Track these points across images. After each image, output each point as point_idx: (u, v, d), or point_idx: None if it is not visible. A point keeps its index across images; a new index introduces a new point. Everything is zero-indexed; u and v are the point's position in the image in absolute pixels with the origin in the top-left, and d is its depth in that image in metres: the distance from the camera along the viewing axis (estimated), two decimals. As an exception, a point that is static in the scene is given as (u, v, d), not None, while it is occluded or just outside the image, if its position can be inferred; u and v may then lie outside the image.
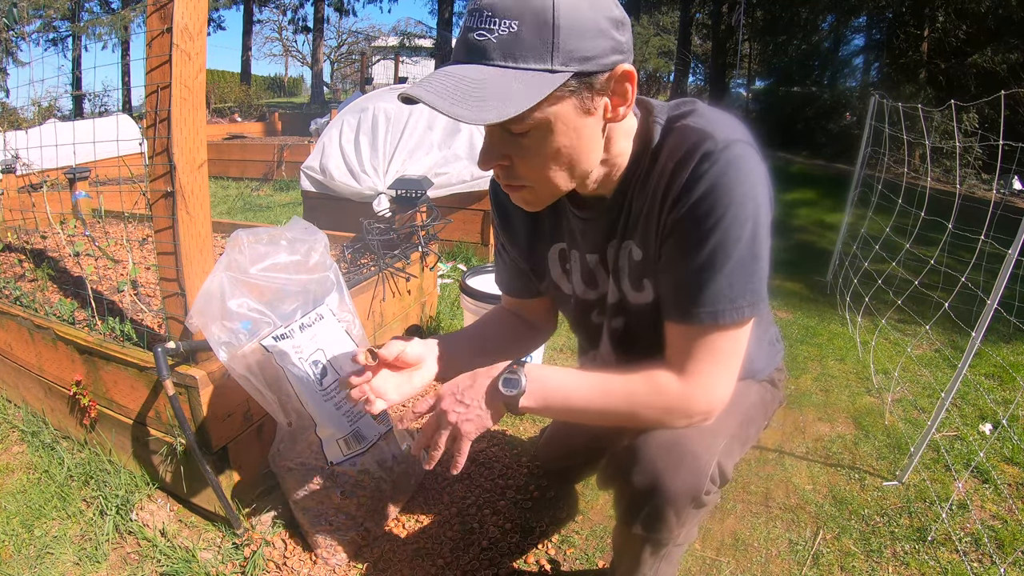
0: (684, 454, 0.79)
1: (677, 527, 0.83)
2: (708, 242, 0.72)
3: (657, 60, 15.29)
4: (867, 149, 3.15)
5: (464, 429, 0.80)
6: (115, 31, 13.76)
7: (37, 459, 1.55)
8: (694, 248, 0.73)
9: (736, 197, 0.70)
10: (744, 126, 0.75)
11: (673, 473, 0.79)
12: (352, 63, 23.11)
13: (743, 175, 0.71)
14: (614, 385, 0.80)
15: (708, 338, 0.76)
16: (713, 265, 0.72)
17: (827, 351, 2.46)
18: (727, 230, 0.71)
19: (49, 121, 4.32)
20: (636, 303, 0.88)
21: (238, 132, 8.58)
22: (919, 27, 8.93)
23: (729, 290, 0.73)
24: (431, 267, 2.26)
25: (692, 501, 0.81)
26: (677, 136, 0.76)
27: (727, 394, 0.80)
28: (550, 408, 0.82)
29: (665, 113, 0.80)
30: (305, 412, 1.20)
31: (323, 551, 1.25)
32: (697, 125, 0.74)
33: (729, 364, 0.78)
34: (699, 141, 0.72)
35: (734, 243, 0.71)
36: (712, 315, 0.74)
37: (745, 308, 0.74)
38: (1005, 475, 1.62)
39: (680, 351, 0.78)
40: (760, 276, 0.74)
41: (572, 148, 0.72)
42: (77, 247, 2.20)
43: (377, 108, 3.45)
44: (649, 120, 0.80)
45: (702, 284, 0.73)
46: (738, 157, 0.71)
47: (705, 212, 0.71)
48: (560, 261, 0.98)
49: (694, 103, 0.79)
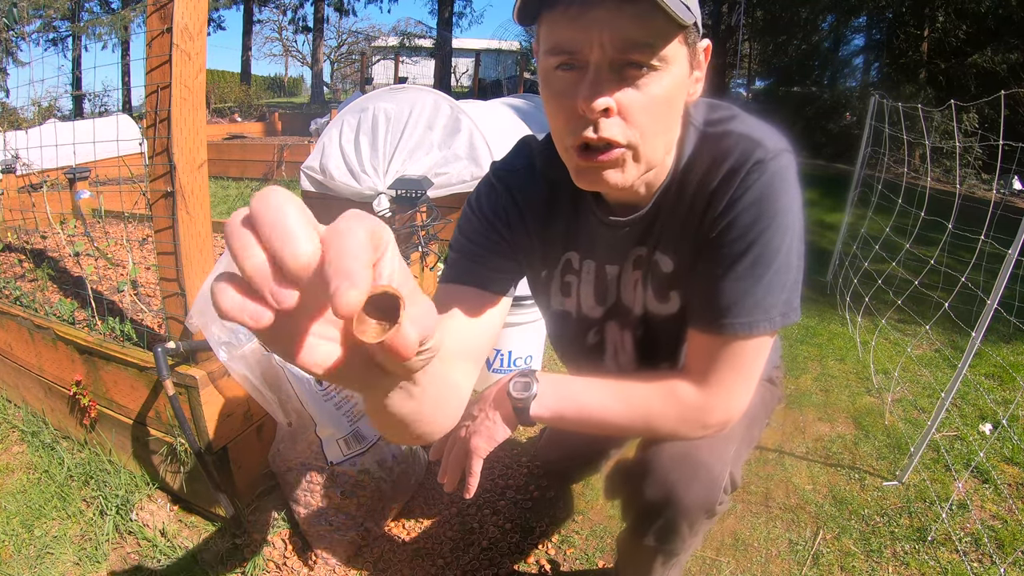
0: (698, 466, 0.78)
1: (690, 538, 0.83)
2: (750, 253, 0.70)
3: (657, 60, 15.27)
4: (867, 149, 3.15)
5: (474, 444, 0.77)
6: (115, 31, 13.76)
7: (37, 459, 1.55)
8: (735, 258, 0.71)
9: (781, 208, 0.69)
10: (784, 136, 0.73)
11: (687, 486, 0.77)
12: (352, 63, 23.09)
13: (787, 186, 0.69)
14: (630, 393, 0.77)
15: (735, 348, 0.73)
16: (753, 275, 0.70)
17: (827, 351, 2.46)
18: (769, 241, 0.69)
19: (49, 121, 4.32)
20: (658, 315, 0.84)
21: (238, 132, 8.57)
22: (919, 27, 8.93)
23: (765, 300, 0.71)
24: (431, 267, 2.26)
25: (706, 513, 0.80)
26: (721, 143, 0.72)
27: (744, 405, 0.77)
28: (564, 417, 0.78)
29: (701, 115, 0.76)
30: (305, 412, 1.20)
31: (323, 551, 1.25)
32: (743, 132, 0.72)
33: (751, 375, 0.76)
34: (750, 150, 0.70)
35: (774, 254, 0.70)
36: (746, 326, 0.72)
37: (777, 319, 0.72)
38: (1005, 475, 1.62)
39: (703, 360, 0.75)
40: (794, 287, 0.73)
41: (676, 106, 0.68)
42: (77, 247, 2.20)
43: (377, 108, 3.45)
44: (685, 122, 0.75)
45: (740, 294, 0.71)
46: (784, 168, 0.70)
47: (750, 222, 0.69)
48: (563, 272, 0.89)
49: (728, 107, 0.76)
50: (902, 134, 2.49)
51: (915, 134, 3.25)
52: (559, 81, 0.64)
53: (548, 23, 0.63)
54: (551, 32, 0.63)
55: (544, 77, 0.67)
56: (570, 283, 0.89)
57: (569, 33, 0.61)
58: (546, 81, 0.66)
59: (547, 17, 0.63)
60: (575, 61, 0.62)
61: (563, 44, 0.62)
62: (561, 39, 0.62)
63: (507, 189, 0.86)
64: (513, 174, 0.87)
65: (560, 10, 0.60)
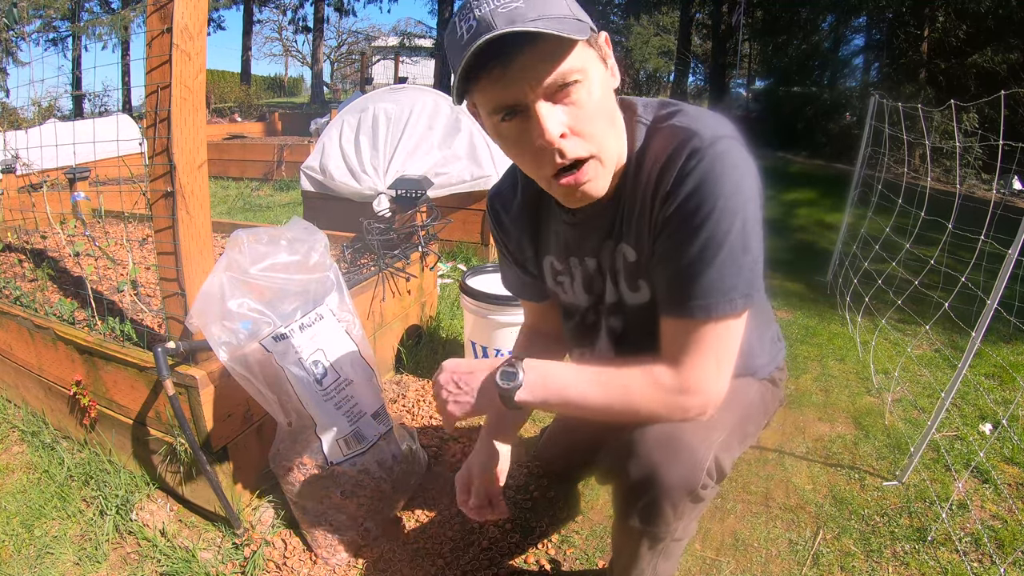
0: (680, 447, 0.80)
1: (674, 520, 0.84)
2: (698, 236, 0.73)
3: (657, 60, 15.29)
4: (867, 149, 3.15)
5: (450, 408, 0.84)
6: (115, 31, 13.74)
7: (37, 459, 1.55)
8: (685, 243, 0.75)
9: (724, 191, 0.72)
10: (730, 123, 0.76)
11: (669, 465, 0.79)
12: (352, 63, 23.12)
13: (730, 169, 0.72)
14: (611, 378, 0.81)
15: (702, 331, 0.77)
16: (704, 259, 0.74)
17: (827, 351, 2.46)
18: (716, 224, 0.72)
19: (49, 121, 4.31)
20: (633, 304, 0.89)
21: (238, 132, 8.57)
22: (919, 27, 8.92)
23: (721, 283, 0.74)
24: (431, 267, 2.26)
25: (688, 494, 0.81)
26: (664, 136, 0.77)
27: (723, 387, 0.80)
28: (548, 403, 0.83)
29: (650, 113, 0.81)
30: (305, 412, 1.20)
31: (323, 551, 1.25)
32: (683, 124, 0.76)
33: (723, 356, 0.79)
34: (686, 139, 0.74)
35: (724, 236, 0.73)
36: (704, 308, 0.75)
37: (738, 300, 0.75)
38: (1005, 475, 1.62)
39: (674, 344, 0.79)
40: (752, 268, 0.75)
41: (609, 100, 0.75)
42: (77, 247, 2.20)
43: (377, 108, 3.45)
44: (633, 121, 0.81)
45: (694, 277, 0.75)
46: (724, 152, 0.72)
47: (694, 207, 0.73)
48: (552, 274, 0.99)
49: (678, 103, 0.81)
50: (902, 134, 2.49)
51: (915, 134, 3.25)
52: (510, 130, 0.74)
53: (479, 92, 0.73)
54: (486, 97, 0.72)
55: (496, 132, 0.76)
56: (562, 282, 0.99)
57: (501, 93, 0.70)
58: (499, 135, 0.76)
59: (476, 89, 0.72)
60: (517, 109, 0.71)
61: (502, 102, 0.71)
62: (498, 99, 0.71)
63: (495, 212, 1.02)
64: (499, 195, 1.02)
65: (484, 79, 0.70)
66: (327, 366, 1.22)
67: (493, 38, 0.65)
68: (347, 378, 1.25)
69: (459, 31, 0.69)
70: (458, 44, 0.69)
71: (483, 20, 0.66)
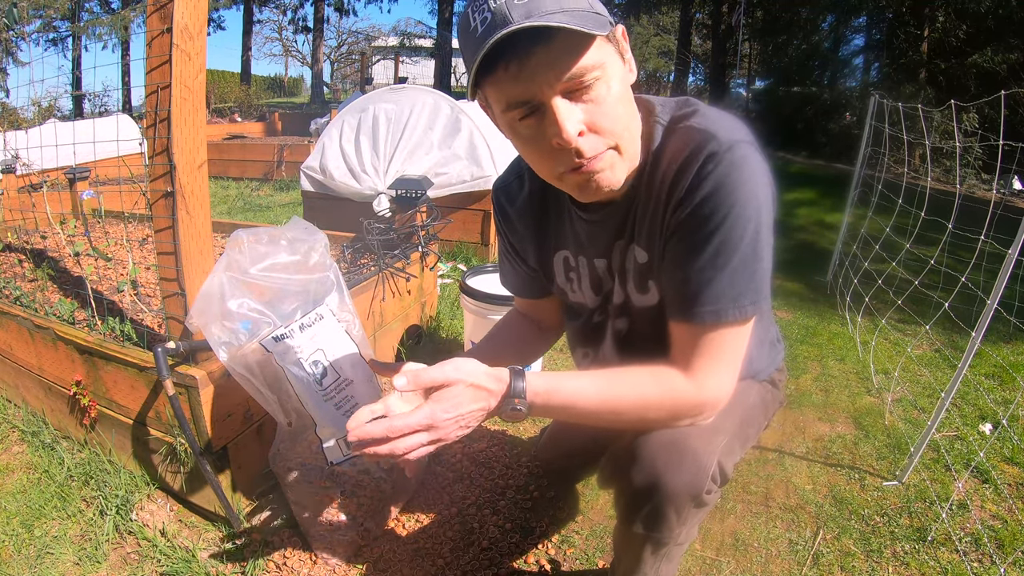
0: (684, 452, 0.79)
1: (678, 526, 0.83)
2: (711, 242, 0.72)
3: (657, 60, 15.31)
4: (867, 149, 3.15)
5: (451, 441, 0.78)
6: (115, 31, 13.75)
7: (37, 459, 1.55)
8: (698, 248, 0.74)
9: (740, 198, 0.71)
10: (746, 127, 0.75)
11: (674, 471, 0.79)
12: (352, 63, 23.12)
13: (746, 176, 0.71)
14: (621, 383, 0.79)
15: (711, 336, 0.76)
16: (716, 264, 0.73)
17: (827, 351, 2.46)
18: (730, 230, 0.71)
19: (49, 121, 4.31)
20: (641, 306, 0.89)
21: (238, 132, 8.57)
22: (919, 27, 8.93)
23: (731, 289, 0.74)
24: (431, 267, 2.26)
25: (693, 500, 0.81)
26: (680, 137, 0.76)
27: (729, 391, 0.80)
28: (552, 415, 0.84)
29: (668, 113, 0.80)
30: (305, 412, 1.20)
31: (323, 551, 1.25)
32: (700, 126, 0.74)
33: (731, 361, 0.79)
34: (703, 142, 0.72)
35: (737, 243, 0.72)
36: (715, 314, 0.74)
37: (747, 307, 0.75)
38: (1005, 475, 1.62)
39: (684, 349, 0.78)
40: (762, 275, 0.75)
41: (627, 95, 0.73)
42: (77, 247, 2.20)
43: (377, 108, 3.45)
44: (651, 120, 0.80)
45: (705, 283, 0.74)
46: (742, 158, 0.71)
47: (709, 213, 0.72)
48: (564, 269, 0.98)
49: (696, 103, 0.80)
50: (902, 134, 2.49)
51: (915, 134, 3.25)
52: (527, 129, 0.71)
53: (493, 86, 0.69)
54: (500, 93, 0.69)
55: (510, 130, 0.74)
56: (572, 279, 0.97)
57: (517, 89, 0.67)
58: (514, 132, 0.74)
59: (490, 81, 0.68)
60: (533, 107, 0.69)
61: (517, 98, 0.68)
62: (513, 96, 0.68)
63: (500, 204, 1.00)
64: (505, 188, 1.00)
65: (499, 73, 0.67)
66: (327, 366, 1.22)
67: (510, 33, 0.62)
68: (347, 378, 1.25)
69: (473, 22, 0.66)
70: (472, 37, 0.66)
71: (499, 12, 0.63)
